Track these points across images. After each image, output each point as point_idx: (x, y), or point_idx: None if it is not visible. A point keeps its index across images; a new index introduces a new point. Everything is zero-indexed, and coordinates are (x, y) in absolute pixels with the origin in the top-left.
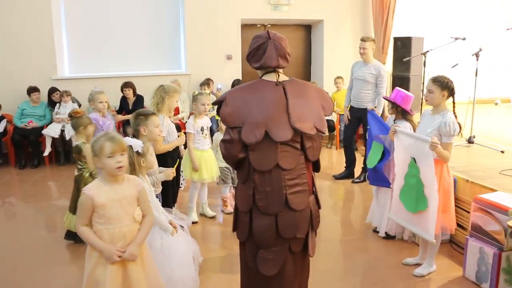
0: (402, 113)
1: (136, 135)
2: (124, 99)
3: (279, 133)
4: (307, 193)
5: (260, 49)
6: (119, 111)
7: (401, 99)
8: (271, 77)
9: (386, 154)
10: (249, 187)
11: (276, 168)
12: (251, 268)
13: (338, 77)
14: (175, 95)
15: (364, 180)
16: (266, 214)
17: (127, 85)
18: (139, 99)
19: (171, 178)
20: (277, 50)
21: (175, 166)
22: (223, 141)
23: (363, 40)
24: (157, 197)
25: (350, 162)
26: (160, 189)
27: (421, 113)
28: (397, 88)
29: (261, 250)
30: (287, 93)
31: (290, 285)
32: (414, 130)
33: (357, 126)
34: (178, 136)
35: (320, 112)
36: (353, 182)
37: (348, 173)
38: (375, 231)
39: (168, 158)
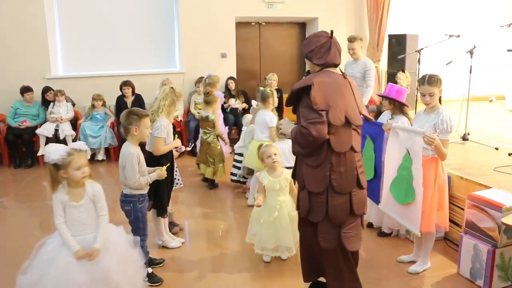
0: (399, 107)
1: (125, 133)
2: (121, 98)
3: (356, 118)
4: (365, 172)
5: (323, 47)
6: (117, 110)
7: (396, 92)
8: (333, 70)
9: (378, 171)
10: (325, 168)
11: (350, 150)
12: (319, 247)
13: None
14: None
15: None
16: (341, 193)
17: (126, 83)
18: (138, 98)
19: (164, 178)
20: (338, 49)
21: (166, 166)
22: (312, 123)
23: (350, 41)
24: (143, 197)
25: None
26: (147, 188)
27: (415, 111)
28: (390, 83)
29: (343, 229)
30: (351, 85)
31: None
32: (410, 123)
33: None
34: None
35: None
36: None
37: None
38: (370, 226)
39: (163, 158)
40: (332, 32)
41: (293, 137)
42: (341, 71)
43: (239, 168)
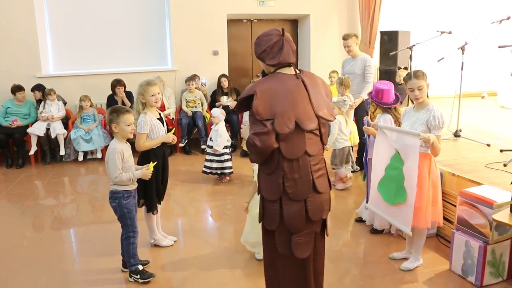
0: (382, 107)
1: (111, 130)
2: (112, 97)
3: (308, 122)
4: (326, 176)
5: (275, 46)
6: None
7: (376, 93)
8: (286, 71)
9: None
10: (278, 176)
11: (304, 155)
12: (280, 254)
13: (333, 71)
14: (148, 87)
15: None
16: (296, 200)
17: (120, 83)
18: (129, 96)
19: (148, 178)
20: (291, 47)
21: (153, 164)
22: (256, 134)
23: (344, 38)
24: (128, 193)
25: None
26: (135, 185)
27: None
28: (375, 83)
29: (294, 236)
30: (306, 84)
31: (315, 265)
32: (397, 121)
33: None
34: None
35: (327, 99)
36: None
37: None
38: (358, 220)
39: (151, 156)
40: (283, 29)
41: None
42: (295, 70)
43: (207, 160)
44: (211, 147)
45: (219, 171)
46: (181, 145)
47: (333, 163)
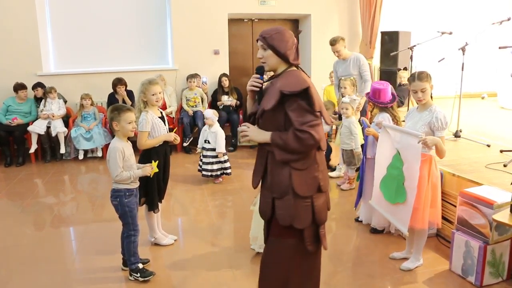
0: (379, 106)
1: (111, 128)
2: (113, 95)
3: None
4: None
5: (296, 47)
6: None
7: (373, 93)
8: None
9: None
10: (314, 169)
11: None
12: (300, 253)
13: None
14: (150, 86)
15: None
16: (324, 192)
17: (121, 82)
18: (130, 95)
19: (150, 175)
20: None
21: (157, 162)
22: (312, 126)
23: (332, 44)
24: (130, 191)
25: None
26: (137, 184)
27: (407, 109)
28: (372, 83)
29: (321, 227)
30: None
31: None
32: (395, 119)
33: None
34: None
35: None
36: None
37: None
38: (358, 220)
39: (153, 154)
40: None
41: (281, 143)
42: (302, 70)
43: (207, 163)
44: (213, 149)
45: (219, 172)
46: (185, 144)
47: (352, 163)
